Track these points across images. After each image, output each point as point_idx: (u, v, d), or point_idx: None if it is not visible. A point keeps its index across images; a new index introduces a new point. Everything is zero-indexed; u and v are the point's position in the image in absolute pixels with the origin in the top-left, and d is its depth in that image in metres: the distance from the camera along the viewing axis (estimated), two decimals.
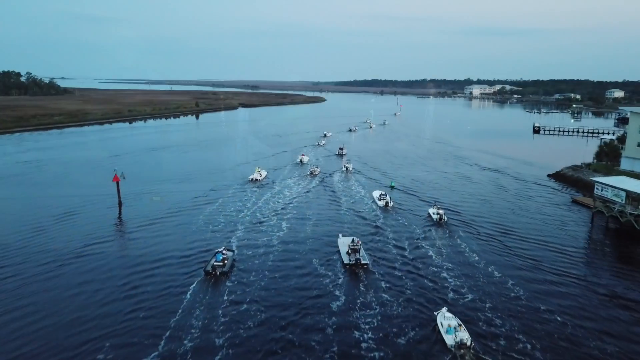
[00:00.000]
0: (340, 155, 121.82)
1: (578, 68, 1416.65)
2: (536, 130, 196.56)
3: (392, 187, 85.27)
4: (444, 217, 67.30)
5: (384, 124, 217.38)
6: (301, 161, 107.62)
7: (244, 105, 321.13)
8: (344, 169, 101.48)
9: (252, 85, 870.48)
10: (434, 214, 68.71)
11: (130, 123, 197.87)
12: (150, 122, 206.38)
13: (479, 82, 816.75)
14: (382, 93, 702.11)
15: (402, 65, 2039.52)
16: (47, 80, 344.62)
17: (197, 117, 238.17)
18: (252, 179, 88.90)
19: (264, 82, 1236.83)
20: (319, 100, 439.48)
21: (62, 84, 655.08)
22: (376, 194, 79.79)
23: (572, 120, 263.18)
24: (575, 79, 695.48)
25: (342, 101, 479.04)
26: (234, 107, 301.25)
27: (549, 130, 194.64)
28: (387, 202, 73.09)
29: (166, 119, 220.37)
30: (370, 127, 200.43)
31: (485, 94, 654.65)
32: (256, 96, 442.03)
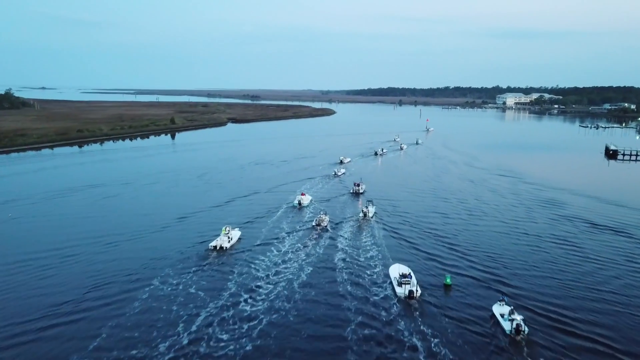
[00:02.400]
0: (357, 193, 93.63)
1: (621, 73, 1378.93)
2: (611, 155, 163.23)
3: (447, 285, 51.91)
4: (523, 327, 40.58)
5: (417, 143, 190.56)
6: (299, 203, 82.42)
7: (235, 121, 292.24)
8: (361, 215, 75.97)
9: (252, 95, 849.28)
10: (504, 318, 42.81)
11: (80, 147, 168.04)
12: (109, 145, 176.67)
13: (509, 90, 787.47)
14: (400, 103, 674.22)
15: (421, 72, 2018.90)
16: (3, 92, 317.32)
17: (172, 136, 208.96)
18: (213, 248, 60.39)
19: (266, 91, 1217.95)
20: (328, 112, 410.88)
21: (42, 95, 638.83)
22: (395, 271, 53.23)
23: (637, 137, 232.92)
24: (622, 85, 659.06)
25: (355, 113, 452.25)
26: (222, 123, 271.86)
27: (630, 155, 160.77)
28: (411, 292, 48.39)
29: (131, 140, 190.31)
30: (401, 149, 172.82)
31: (521, 103, 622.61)
32: (253, 108, 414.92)
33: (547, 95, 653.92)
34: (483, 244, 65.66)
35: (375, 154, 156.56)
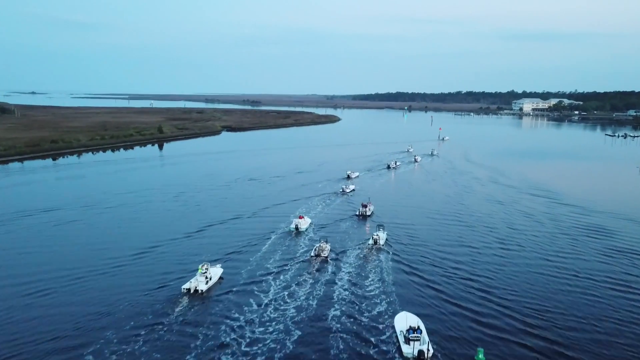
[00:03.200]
0: (364, 216, 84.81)
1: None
2: None
3: None
4: None
5: (432, 154, 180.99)
6: (296, 228, 75.01)
7: (230, 129, 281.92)
8: (370, 242, 68.48)
9: (253, 100, 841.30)
10: None
11: (54, 159, 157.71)
12: (87, 157, 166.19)
13: (525, 95, 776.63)
14: (410, 109, 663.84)
15: (431, 76, 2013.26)
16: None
17: (160, 147, 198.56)
18: (187, 291, 51.75)
19: (268, 96, 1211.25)
20: (332, 119, 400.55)
21: (31, 100, 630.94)
22: (402, 322, 44.35)
23: None
24: None
25: (362, 120, 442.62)
26: (216, 132, 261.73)
27: None
28: (421, 353, 39.86)
29: (113, 151, 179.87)
30: (416, 161, 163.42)
31: (539, 109, 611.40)
32: (251, 115, 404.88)
33: (566, 101, 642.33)
34: (523, 289, 54.89)
35: (388, 167, 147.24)
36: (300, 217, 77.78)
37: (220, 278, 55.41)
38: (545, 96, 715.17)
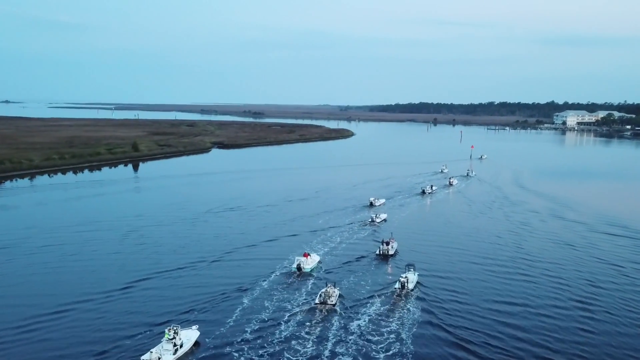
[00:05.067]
0: (385, 256, 79.36)
1: None
2: None
3: None
4: None
5: (468, 175, 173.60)
6: (299, 268, 72.21)
7: (222, 146, 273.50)
8: (397, 285, 64.76)
9: (255, 111, 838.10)
10: None
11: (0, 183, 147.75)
12: (43, 180, 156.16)
13: (567, 106, 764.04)
14: (435, 122, 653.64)
15: (459, 84, 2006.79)
16: None
17: (135, 167, 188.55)
18: None
19: (273, 106, 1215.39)
20: (344, 134, 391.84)
21: (2, 110, 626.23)
22: None
23: None
24: None
25: (380, 135, 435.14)
26: (205, 149, 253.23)
27: None
28: None
29: (75, 173, 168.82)
30: (450, 184, 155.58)
31: (585, 123, 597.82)
32: (250, 129, 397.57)
33: (616, 114, 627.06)
34: None
35: (423, 192, 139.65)
36: (305, 255, 73.28)
37: (196, 343, 49.98)
38: (591, 108, 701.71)
